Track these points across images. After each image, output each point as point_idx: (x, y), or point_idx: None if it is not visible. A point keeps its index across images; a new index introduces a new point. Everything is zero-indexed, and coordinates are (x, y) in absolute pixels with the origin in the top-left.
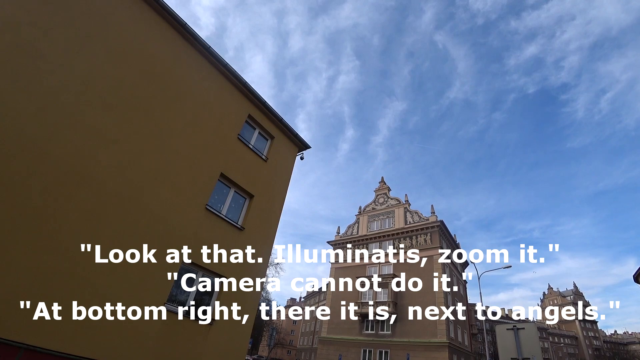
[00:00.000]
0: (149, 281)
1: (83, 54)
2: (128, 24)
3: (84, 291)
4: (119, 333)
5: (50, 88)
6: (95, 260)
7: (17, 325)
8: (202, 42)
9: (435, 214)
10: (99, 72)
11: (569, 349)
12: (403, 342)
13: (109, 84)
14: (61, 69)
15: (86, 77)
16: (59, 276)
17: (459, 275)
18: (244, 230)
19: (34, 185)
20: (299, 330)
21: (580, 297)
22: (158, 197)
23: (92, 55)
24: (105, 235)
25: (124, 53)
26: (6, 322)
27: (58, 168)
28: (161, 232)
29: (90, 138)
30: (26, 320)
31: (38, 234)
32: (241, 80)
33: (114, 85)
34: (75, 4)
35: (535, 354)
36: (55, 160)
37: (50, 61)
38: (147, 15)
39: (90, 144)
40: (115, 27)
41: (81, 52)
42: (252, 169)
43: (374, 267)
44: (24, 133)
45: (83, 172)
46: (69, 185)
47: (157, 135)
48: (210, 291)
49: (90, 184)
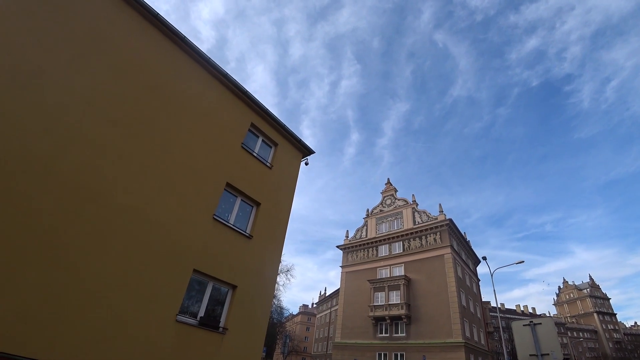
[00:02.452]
0: (161, 293)
1: (85, 72)
2: (128, 40)
3: (96, 306)
4: (133, 347)
5: (54, 106)
6: (106, 274)
7: (31, 342)
8: (201, 54)
9: (443, 213)
10: (101, 89)
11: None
12: (418, 343)
13: (111, 99)
14: (64, 87)
15: (89, 94)
16: (71, 292)
17: (472, 273)
18: (253, 238)
19: (43, 203)
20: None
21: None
22: (165, 209)
23: (94, 72)
24: (115, 249)
25: (125, 69)
26: (20, 339)
27: (66, 185)
28: (170, 243)
29: (96, 154)
30: (40, 337)
31: (49, 251)
32: (242, 90)
33: (117, 100)
34: (75, 23)
35: (554, 349)
36: (62, 177)
37: (53, 80)
38: (147, 31)
39: (96, 159)
40: (116, 44)
41: (83, 69)
42: (257, 177)
43: (385, 270)
44: (31, 152)
45: (90, 187)
46: (77, 202)
47: (161, 148)
48: (221, 300)
49: (98, 199)
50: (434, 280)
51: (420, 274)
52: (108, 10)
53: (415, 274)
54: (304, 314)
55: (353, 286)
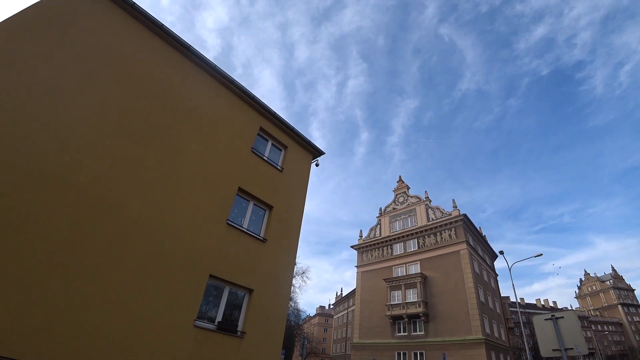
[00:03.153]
0: (178, 300)
1: (95, 86)
2: (135, 54)
3: (115, 314)
4: (153, 353)
5: (68, 122)
6: (124, 283)
7: (54, 351)
8: (207, 62)
9: (457, 208)
10: (112, 102)
11: (614, 336)
12: (437, 341)
13: (122, 112)
14: (76, 103)
15: (100, 108)
16: (91, 301)
17: (489, 268)
18: (267, 242)
19: (63, 216)
20: (330, 338)
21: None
22: (179, 216)
23: (104, 87)
24: (132, 258)
25: (134, 81)
26: (43, 348)
27: (81, 197)
28: (185, 250)
29: (109, 166)
30: (62, 346)
31: (70, 262)
32: (249, 94)
33: (128, 112)
34: (84, 40)
35: (579, 343)
36: (78, 190)
37: (65, 96)
38: (153, 42)
39: (110, 171)
40: (124, 57)
41: (93, 84)
42: (268, 180)
43: (401, 268)
44: (47, 167)
45: (105, 199)
46: (93, 213)
47: (172, 156)
48: (238, 304)
49: (113, 210)
50: (451, 276)
51: (437, 271)
52: (115, 25)
53: (431, 271)
54: (321, 315)
55: (369, 286)
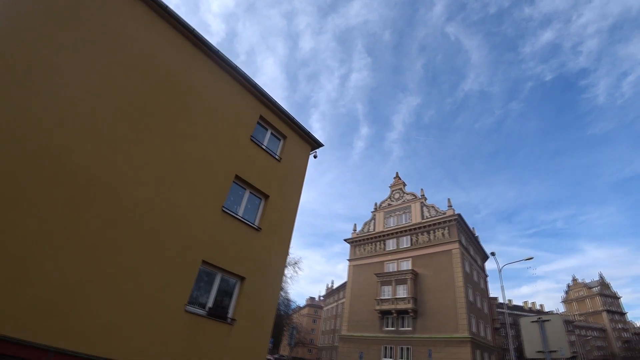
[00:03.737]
0: (170, 284)
1: (96, 67)
2: (138, 35)
3: (107, 296)
4: (143, 336)
5: (67, 101)
6: (117, 265)
7: (46, 329)
8: (211, 47)
9: (452, 208)
10: (112, 83)
11: (597, 341)
12: (424, 338)
13: (122, 93)
14: (76, 82)
15: (101, 89)
16: (83, 282)
17: (480, 268)
18: (261, 231)
19: (58, 196)
20: (319, 329)
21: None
22: (175, 201)
23: (104, 67)
24: (126, 241)
25: (135, 63)
26: (37, 326)
27: (78, 178)
28: (179, 235)
29: (108, 147)
30: (55, 325)
31: (64, 242)
32: (251, 82)
33: (128, 94)
34: (86, 19)
35: (563, 346)
36: (76, 170)
37: (66, 75)
38: (157, 24)
39: (108, 152)
40: (127, 39)
41: (95, 64)
42: (266, 169)
43: (392, 264)
44: (46, 146)
45: (103, 180)
46: (89, 195)
47: (171, 140)
48: (230, 292)
49: (110, 191)
50: (442, 275)
51: (428, 268)
52: (118, 5)
53: (422, 268)
54: (311, 306)
55: (360, 279)
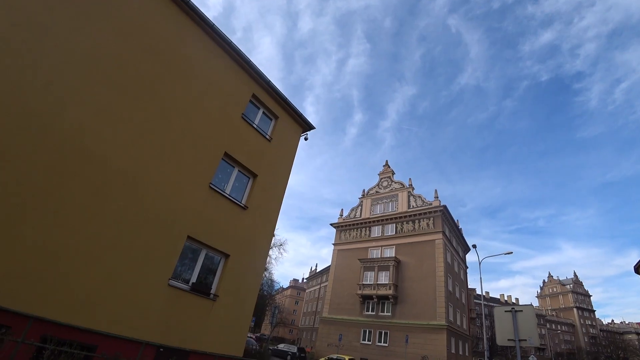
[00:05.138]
0: (154, 257)
1: (87, 31)
2: (131, 2)
3: (89, 265)
4: (125, 307)
5: (55, 64)
6: (100, 235)
7: (25, 297)
8: (206, 20)
9: (438, 199)
10: (103, 49)
11: (566, 336)
12: (402, 323)
13: (112, 61)
14: (65, 46)
15: (90, 54)
16: (66, 250)
17: (461, 260)
18: (248, 209)
19: (38, 161)
20: (300, 310)
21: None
22: (162, 174)
23: (95, 32)
24: (110, 211)
25: (127, 30)
26: (17, 294)
27: (63, 144)
28: (165, 209)
29: (95, 115)
30: (34, 293)
31: (44, 209)
32: (245, 60)
33: (119, 62)
34: None
35: (532, 335)
36: (60, 136)
37: (54, 37)
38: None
39: (95, 121)
40: (119, 4)
41: (85, 29)
42: (256, 148)
43: (376, 250)
44: (29, 108)
45: (88, 149)
46: (74, 162)
47: (161, 113)
48: (214, 268)
49: (95, 161)
50: (423, 264)
51: (411, 256)
52: None
53: (405, 256)
54: (294, 288)
55: (344, 264)
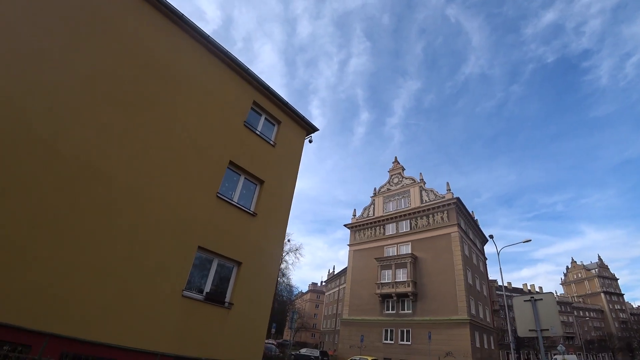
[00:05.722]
0: (166, 269)
1: (84, 51)
2: (125, 20)
3: (103, 281)
4: (140, 320)
5: (55, 87)
6: (112, 251)
7: (41, 315)
8: (200, 32)
9: (451, 191)
10: (100, 69)
11: (595, 322)
12: (424, 320)
13: (112, 79)
14: (64, 68)
15: (89, 74)
16: (79, 268)
17: (479, 252)
18: (257, 216)
19: (47, 184)
20: (321, 314)
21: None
22: (169, 187)
23: (92, 53)
24: (120, 227)
25: (124, 48)
26: (32, 312)
27: (69, 165)
28: (174, 221)
29: (98, 134)
30: (50, 311)
31: (55, 230)
32: (243, 67)
33: (117, 80)
34: (73, 3)
35: (554, 324)
36: (65, 157)
37: (52, 60)
38: (145, 10)
39: (99, 139)
40: (115, 23)
41: (82, 49)
42: (260, 155)
43: (392, 248)
44: (33, 133)
45: (93, 167)
46: (81, 181)
47: (163, 127)
48: (227, 277)
49: (102, 178)
50: (441, 258)
51: (427, 252)
52: None
53: (422, 252)
54: (313, 291)
55: (360, 264)
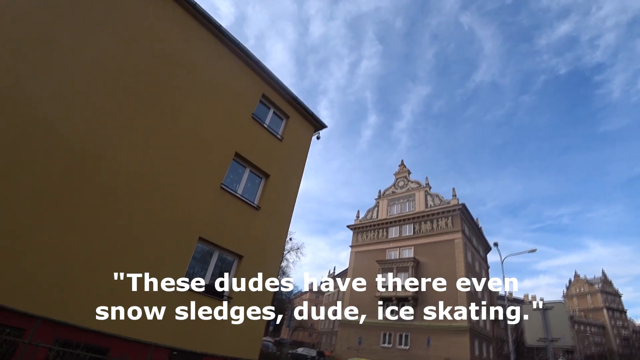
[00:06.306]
0: (167, 259)
1: (94, 38)
2: (136, 7)
3: (104, 269)
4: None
5: (63, 72)
6: (113, 239)
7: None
8: (213, 22)
9: (456, 197)
10: (110, 55)
11: (595, 337)
12: (424, 325)
13: (120, 66)
14: (73, 53)
15: (98, 61)
16: (80, 255)
17: (482, 259)
18: (260, 210)
19: (52, 168)
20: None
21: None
22: (173, 176)
23: (102, 39)
24: (122, 215)
25: (134, 36)
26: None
27: (74, 150)
28: (176, 211)
29: (105, 120)
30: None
31: (58, 214)
32: (254, 59)
33: (126, 67)
34: None
35: (565, 334)
36: (71, 142)
37: (62, 46)
38: None
39: (105, 126)
40: (126, 11)
41: (92, 35)
42: (267, 148)
43: (394, 251)
44: (40, 117)
45: (99, 154)
46: (86, 167)
47: (170, 115)
48: (227, 269)
49: (106, 165)
50: (443, 264)
51: (430, 257)
52: None
53: (424, 256)
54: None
55: (361, 266)
